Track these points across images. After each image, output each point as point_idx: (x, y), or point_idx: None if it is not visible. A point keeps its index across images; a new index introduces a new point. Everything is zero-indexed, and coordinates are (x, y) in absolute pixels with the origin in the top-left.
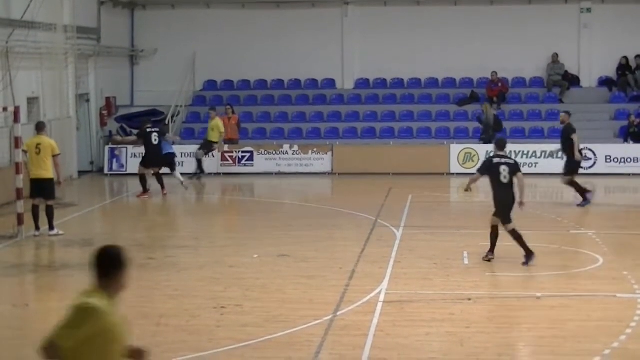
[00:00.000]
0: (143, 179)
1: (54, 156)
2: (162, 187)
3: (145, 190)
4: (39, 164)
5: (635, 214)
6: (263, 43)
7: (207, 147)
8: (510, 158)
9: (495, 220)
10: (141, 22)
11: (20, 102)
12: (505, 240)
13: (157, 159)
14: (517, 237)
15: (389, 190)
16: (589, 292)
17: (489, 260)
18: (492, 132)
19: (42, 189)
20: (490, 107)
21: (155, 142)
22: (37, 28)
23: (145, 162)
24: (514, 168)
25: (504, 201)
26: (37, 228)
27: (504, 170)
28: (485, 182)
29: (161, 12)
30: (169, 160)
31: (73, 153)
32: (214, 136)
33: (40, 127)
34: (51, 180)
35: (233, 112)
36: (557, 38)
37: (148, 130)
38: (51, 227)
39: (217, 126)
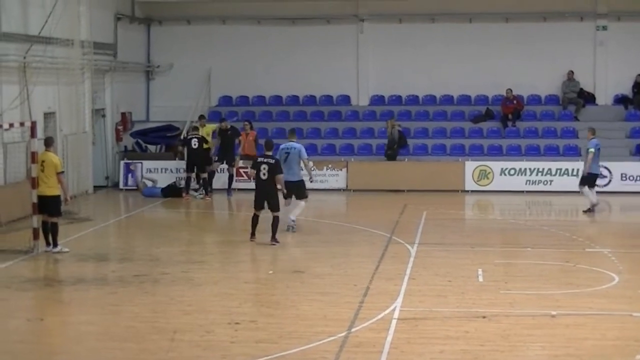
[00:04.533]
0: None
1: (57, 173)
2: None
3: (207, 193)
4: (42, 180)
5: None
6: (278, 59)
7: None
8: (272, 158)
9: (258, 211)
10: (157, 38)
11: (36, 117)
12: (518, 259)
13: (196, 162)
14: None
15: (404, 207)
16: (605, 311)
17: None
18: (396, 148)
19: (45, 205)
20: (394, 123)
21: (194, 147)
22: (54, 43)
23: (185, 166)
24: (273, 168)
25: (262, 193)
26: (48, 244)
27: (263, 168)
28: (499, 200)
29: (177, 28)
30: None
31: (88, 168)
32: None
33: (47, 143)
34: (55, 197)
35: (251, 128)
36: (572, 55)
37: (189, 137)
38: (55, 244)
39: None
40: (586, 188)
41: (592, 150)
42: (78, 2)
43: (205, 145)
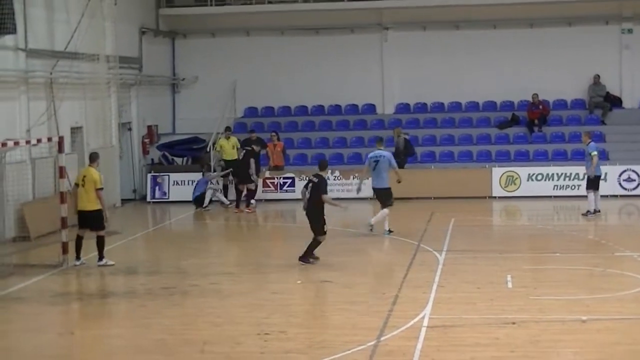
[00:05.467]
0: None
1: (96, 190)
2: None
3: (248, 205)
4: (83, 196)
5: None
6: (303, 69)
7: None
8: (318, 177)
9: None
10: (182, 51)
11: (64, 132)
12: (547, 264)
13: (239, 174)
14: (313, 245)
15: (431, 215)
16: (636, 315)
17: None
18: (403, 157)
19: (87, 220)
20: (401, 132)
21: (240, 158)
22: (80, 59)
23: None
24: (316, 187)
25: (308, 215)
26: (78, 257)
27: (310, 187)
28: (526, 206)
29: (201, 41)
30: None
31: (116, 181)
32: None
33: (92, 158)
34: (96, 211)
35: (278, 139)
36: (598, 59)
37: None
38: (100, 258)
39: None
40: (592, 194)
41: (596, 153)
42: (103, 17)
43: (234, 157)
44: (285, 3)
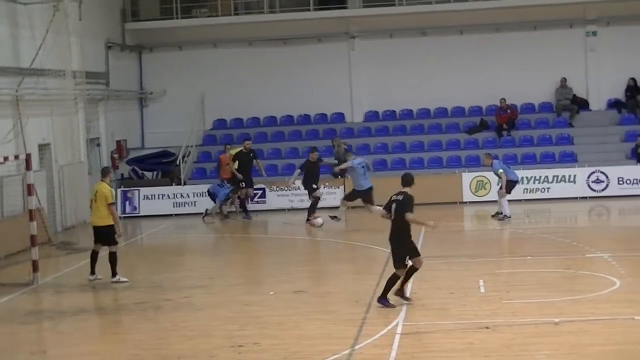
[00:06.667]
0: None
1: (108, 205)
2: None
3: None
4: (94, 211)
5: None
6: (271, 80)
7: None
8: (403, 194)
9: (396, 269)
10: (149, 65)
11: (31, 149)
12: (519, 268)
13: (305, 185)
14: (392, 280)
15: None
16: (608, 316)
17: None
18: None
19: (99, 235)
20: (340, 142)
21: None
22: (46, 75)
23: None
24: (400, 205)
25: (391, 238)
26: (92, 272)
27: (394, 206)
28: (496, 211)
29: (168, 54)
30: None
31: (85, 197)
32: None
33: (103, 173)
34: (108, 227)
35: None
36: (564, 62)
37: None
38: (113, 274)
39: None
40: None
41: (502, 170)
42: (68, 33)
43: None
44: (252, 14)
